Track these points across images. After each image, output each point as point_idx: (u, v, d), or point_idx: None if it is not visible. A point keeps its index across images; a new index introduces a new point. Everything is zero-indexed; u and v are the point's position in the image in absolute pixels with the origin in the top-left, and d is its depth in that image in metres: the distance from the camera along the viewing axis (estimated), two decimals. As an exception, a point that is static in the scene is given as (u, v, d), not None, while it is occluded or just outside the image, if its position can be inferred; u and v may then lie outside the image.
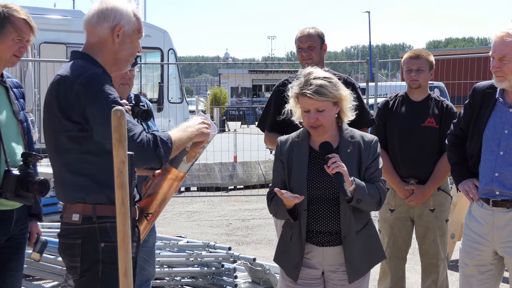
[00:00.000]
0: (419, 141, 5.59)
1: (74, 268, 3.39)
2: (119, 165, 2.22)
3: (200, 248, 7.14)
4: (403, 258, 5.83)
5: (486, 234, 4.45)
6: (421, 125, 5.61)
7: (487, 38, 26.35)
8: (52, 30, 17.33)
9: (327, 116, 3.93)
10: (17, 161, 4.04)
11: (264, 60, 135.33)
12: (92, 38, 3.48)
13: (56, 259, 6.38)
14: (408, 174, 5.61)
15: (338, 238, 3.97)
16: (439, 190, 5.67)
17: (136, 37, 3.52)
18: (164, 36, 19.60)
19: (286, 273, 4.09)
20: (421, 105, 5.70)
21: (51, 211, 9.48)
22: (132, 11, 3.50)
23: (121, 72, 3.69)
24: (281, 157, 4.07)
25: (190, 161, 3.65)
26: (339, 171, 3.77)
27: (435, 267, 5.67)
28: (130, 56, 3.52)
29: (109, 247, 3.32)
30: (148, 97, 19.79)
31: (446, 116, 5.59)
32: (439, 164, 5.58)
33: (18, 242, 4.23)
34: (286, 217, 3.95)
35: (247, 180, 15.35)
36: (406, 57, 5.72)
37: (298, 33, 5.50)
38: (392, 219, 5.69)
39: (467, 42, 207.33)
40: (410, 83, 5.68)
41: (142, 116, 5.12)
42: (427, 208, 5.64)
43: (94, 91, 3.26)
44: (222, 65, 64.69)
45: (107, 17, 3.44)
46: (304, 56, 5.38)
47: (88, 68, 3.34)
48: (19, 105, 4.24)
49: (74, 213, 3.35)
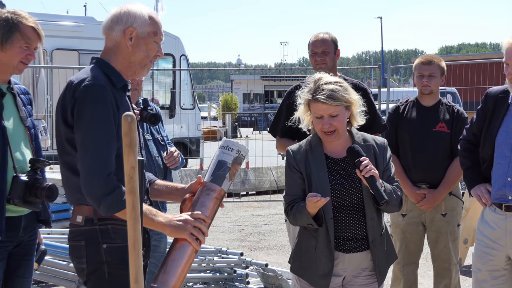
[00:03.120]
0: (431, 146, 5.57)
1: (82, 270, 3.40)
2: (129, 170, 2.21)
3: (212, 253, 7.13)
4: (415, 263, 5.81)
5: (499, 239, 4.43)
6: (432, 130, 5.60)
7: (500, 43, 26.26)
8: (65, 37, 17.37)
9: (340, 121, 3.90)
10: (25, 167, 4.05)
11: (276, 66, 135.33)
12: (108, 42, 3.48)
13: (68, 265, 6.40)
14: (419, 179, 5.59)
15: (364, 244, 3.96)
16: (451, 195, 5.65)
17: (152, 40, 3.45)
18: (176, 42, 19.59)
19: (311, 283, 4.01)
20: (432, 110, 5.69)
21: (64, 217, 9.49)
22: (148, 13, 3.45)
23: (138, 77, 3.66)
24: (297, 167, 3.99)
25: (231, 178, 3.53)
26: (372, 175, 3.75)
27: (448, 272, 5.65)
28: (145, 59, 3.46)
29: (112, 248, 3.32)
30: (160, 103, 19.85)
31: (457, 121, 5.59)
32: (450, 169, 5.56)
33: (26, 248, 4.22)
34: (309, 222, 3.87)
35: (259, 186, 15.33)
36: (417, 63, 5.70)
37: (312, 38, 5.49)
38: (404, 224, 5.67)
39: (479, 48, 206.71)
40: (422, 89, 5.67)
41: (151, 120, 5.13)
42: (438, 213, 5.62)
43: (85, 103, 3.25)
44: (234, 71, 64.61)
45: (120, 20, 3.42)
46: (318, 60, 5.37)
47: (93, 76, 3.33)
48: (27, 112, 4.24)
49: (78, 215, 3.38)
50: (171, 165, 5.24)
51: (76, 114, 3.27)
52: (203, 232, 3.32)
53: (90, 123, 3.24)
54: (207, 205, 3.42)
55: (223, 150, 3.54)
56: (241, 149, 3.55)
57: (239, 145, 3.55)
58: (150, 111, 5.12)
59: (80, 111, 3.27)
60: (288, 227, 5.46)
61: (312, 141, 4.05)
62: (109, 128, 3.25)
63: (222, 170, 3.48)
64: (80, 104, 3.27)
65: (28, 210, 4.08)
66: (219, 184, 3.47)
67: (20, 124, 4.16)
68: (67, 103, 3.32)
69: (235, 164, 3.51)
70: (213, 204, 3.44)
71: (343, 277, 4.02)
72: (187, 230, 3.27)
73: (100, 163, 3.21)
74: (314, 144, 4.03)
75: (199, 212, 3.35)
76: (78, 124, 3.27)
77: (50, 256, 6.42)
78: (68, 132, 3.33)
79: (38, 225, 4.30)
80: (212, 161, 3.59)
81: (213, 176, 3.47)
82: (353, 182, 3.92)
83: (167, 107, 19.22)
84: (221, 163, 3.50)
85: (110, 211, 3.21)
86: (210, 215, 3.43)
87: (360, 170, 3.76)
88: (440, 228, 5.63)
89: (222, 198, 3.49)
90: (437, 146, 5.58)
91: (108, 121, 3.26)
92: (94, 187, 3.21)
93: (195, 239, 3.30)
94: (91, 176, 3.21)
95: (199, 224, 3.31)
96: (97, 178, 3.20)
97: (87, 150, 3.24)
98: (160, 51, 3.51)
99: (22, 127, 4.17)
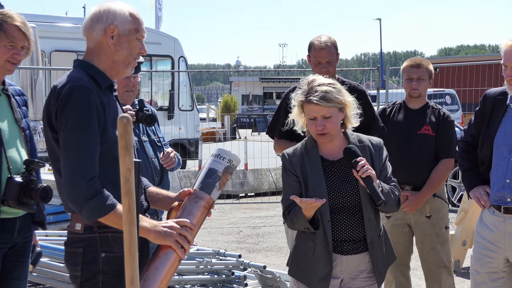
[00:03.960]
0: (415, 149, 5.59)
1: (76, 277, 3.33)
2: (125, 172, 2.19)
3: (210, 255, 7.11)
4: (406, 265, 5.80)
5: (498, 241, 4.43)
6: (417, 132, 5.63)
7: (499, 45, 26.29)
8: (63, 38, 17.34)
9: (334, 122, 3.90)
10: (20, 168, 4.03)
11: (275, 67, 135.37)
12: (90, 43, 3.40)
13: (65, 267, 6.37)
14: (403, 181, 5.56)
15: (362, 245, 3.95)
16: (435, 197, 5.65)
17: (134, 37, 3.37)
18: (174, 44, 19.58)
19: (310, 286, 4.00)
20: (418, 113, 5.72)
21: (61, 219, 9.48)
22: (128, 10, 3.37)
23: (122, 76, 3.56)
24: (293, 170, 3.99)
25: (221, 188, 3.48)
26: (369, 175, 3.74)
27: (436, 275, 5.62)
28: (129, 57, 3.38)
29: (110, 257, 3.26)
30: (158, 105, 19.84)
31: (443, 124, 5.62)
32: (434, 171, 5.59)
33: (21, 250, 4.21)
34: (306, 226, 3.85)
35: (258, 188, 15.32)
36: (406, 66, 5.72)
37: (315, 43, 5.39)
38: (389, 226, 5.63)
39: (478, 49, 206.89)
40: (411, 92, 5.70)
41: (146, 121, 5.12)
42: (423, 215, 5.62)
43: (67, 106, 3.19)
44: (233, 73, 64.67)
45: (100, 19, 3.34)
46: (323, 71, 5.28)
47: (76, 77, 3.27)
48: (21, 113, 4.23)
49: (77, 223, 3.29)
50: (168, 166, 5.22)
51: (59, 117, 3.21)
52: (189, 240, 3.25)
53: (71, 125, 3.17)
54: (194, 213, 3.37)
55: (215, 158, 3.50)
56: (233, 158, 3.51)
57: (231, 154, 3.51)
58: (146, 112, 5.10)
59: (62, 114, 3.20)
60: (286, 229, 5.46)
61: (308, 144, 4.04)
62: (91, 130, 3.18)
63: (212, 178, 3.43)
64: (62, 107, 3.20)
65: (23, 211, 4.07)
66: (208, 193, 3.41)
67: (14, 125, 4.15)
68: (51, 107, 3.26)
69: (225, 173, 3.47)
70: (201, 213, 3.38)
71: (341, 279, 4.00)
72: (172, 237, 3.20)
73: (81, 167, 3.14)
74: (309, 147, 4.02)
75: (186, 220, 3.29)
76: (60, 127, 3.21)
77: (47, 258, 6.41)
78: (55, 137, 3.27)
79: (33, 227, 4.29)
80: (202, 168, 3.54)
81: (202, 184, 3.42)
82: (350, 184, 3.91)
83: (166, 109, 19.22)
84: (212, 171, 3.46)
85: (92, 217, 3.14)
86: (197, 224, 3.37)
87: (357, 170, 3.75)
88: (425, 230, 5.63)
89: (210, 207, 3.44)
90: (422, 148, 5.60)
91: (91, 123, 3.19)
92: (74, 191, 3.13)
93: (180, 247, 3.23)
94: (72, 180, 3.14)
95: (185, 232, 3.24)
96: (78, 182, 3.12)
97: (68, 153, 3.18)
98: (143, 48, 3.43)
99: (16, 128, 4.16)
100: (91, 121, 3.19)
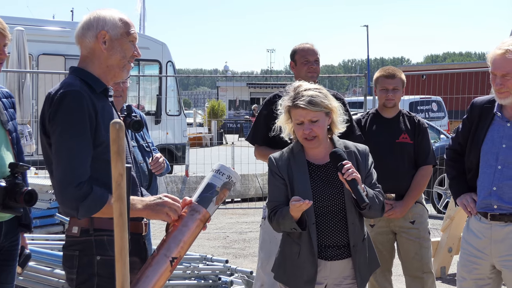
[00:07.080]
0: (395, 157, 5.61)
1: (71, 280, 3.37)
2: (117, 177, 2.20)
3: (197, 260, 7.12)
4: (389, 270, 5.84)
5: (484, 248, 4.45)
6: (396, 141, 5.66)
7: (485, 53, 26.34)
8: (51, 42, 17.32)
9: (321, 126, 3.95)
10: (5, 172, 4.02)
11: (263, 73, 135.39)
12: (83, 51, 3.46)
13: (52, 271, 6.36)
14: (385, 190, 5.59)
15: (346, 251, 3.98)
16: (416, 203, 5.69)
17: (127, 40, 3.44)
18: (162, 49, 19.57)
19: None
20: (393, 121, 5.75)
21: (48, 223, 9.46)
22: (118, 16, 3.44)
23: (119, 80, 3.63)
24: (280, 173, 4.03)
25: (218, 203, 3.52)
26: (354, 178, 3.77)
27: (420, 280, 5.63)
28: (123, 60, 3.43)
29: (105, 260, 3.29)
30: (146, 109, 19.81)
31: (419, 132, 5.68)
32: (415, 179, 5.62)
33: (8, 254, 4.20)
34: (293, 226, 3.87)
35: (244, 193, 15.32)
36: (379, 76, 5.73)
37: (301, 46, 5.63)
38: (374, 235, 5.63)
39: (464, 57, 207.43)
40: (386, 103, 5.71)
41: (134, 127, 5.12)
42: (407, 221, 5.65)
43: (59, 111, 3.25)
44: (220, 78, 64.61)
45: (91, 26, 3.41)
46: (312, 69, 5.50)
47: (69, 83, 3.31)
48: (8, 115, 4.22)
49: (74, 226, 3.34)
50: (157, 171, 5.23)
51: (51, 122, 3.26)
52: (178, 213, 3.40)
53: (62, 130, 3.23)
54: (189, 226, 3.42)
55: (215, 173, 3.54)
56: (233, 175, 3.56)
57: (231, 171, 3.56)
58: (134, 118, 5.10)
59: (54, 119, 3.25)
60: (261, 234, 5.47)
61: (295, 148, 4.08)
62: (83, 134, 3.23)
63: (210, 193, 3.48)
64: (54, 112, 3.26)
65: (9, 215, 4.06)
66: (205, 207, 3.46)
67: (0, 128, 4.14)
68: (45, 114, 3.32)
69: (224, 189, 3.51)
70: (196, 226, 3.44)
71: (324, 285, 4.03)
72: (163, 212, 3.35)
73: (71, 172, 3.20)
74: (296, 151, 4.06)
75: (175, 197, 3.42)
76: (52, 132, 3.26)
77: (34, 262, 6.39)
78: (49, 142, 3.31)
79: (20, 230, 4.28)
80: (202, 182, 3.58)
81: (200, 197, 3.47)
82: (335, 188, 3.96)
83: (153, 113, 19.21)
84: (210, 186, 3.51)
85: (89, 213, 3.22)
86: (192, 236, 3.44)
87: (342, 173, 3.78)
88: (410, 235, 5.65)
89: (206, 221, 3.49)
90: (402, 156, 5.63)
91: (82, 127, 3.23)
92: (66, 196, 3.21)
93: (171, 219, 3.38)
94: (63, 185, 3.20)
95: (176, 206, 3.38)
96: (68, 187, 3.19)
97: (59, 158, 3.24)
98: (136, 50, 3.49)
99: (2, 131, 4.15)
100: (83, 125, 3.23)
